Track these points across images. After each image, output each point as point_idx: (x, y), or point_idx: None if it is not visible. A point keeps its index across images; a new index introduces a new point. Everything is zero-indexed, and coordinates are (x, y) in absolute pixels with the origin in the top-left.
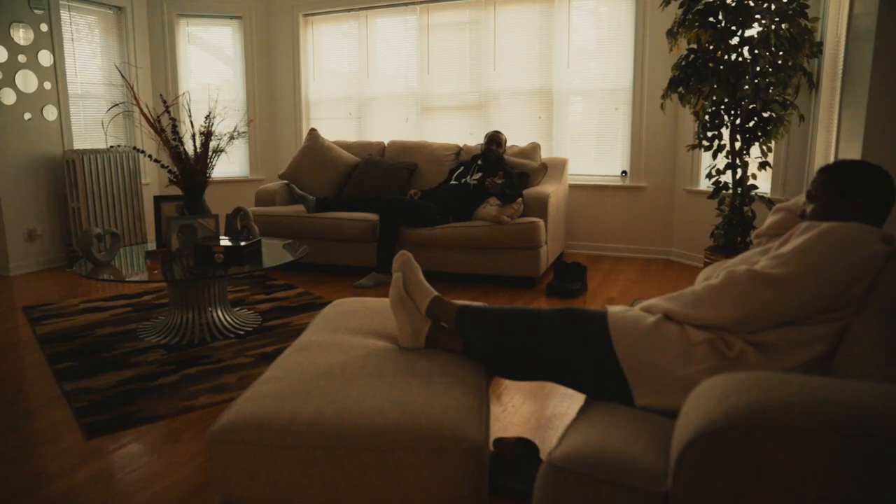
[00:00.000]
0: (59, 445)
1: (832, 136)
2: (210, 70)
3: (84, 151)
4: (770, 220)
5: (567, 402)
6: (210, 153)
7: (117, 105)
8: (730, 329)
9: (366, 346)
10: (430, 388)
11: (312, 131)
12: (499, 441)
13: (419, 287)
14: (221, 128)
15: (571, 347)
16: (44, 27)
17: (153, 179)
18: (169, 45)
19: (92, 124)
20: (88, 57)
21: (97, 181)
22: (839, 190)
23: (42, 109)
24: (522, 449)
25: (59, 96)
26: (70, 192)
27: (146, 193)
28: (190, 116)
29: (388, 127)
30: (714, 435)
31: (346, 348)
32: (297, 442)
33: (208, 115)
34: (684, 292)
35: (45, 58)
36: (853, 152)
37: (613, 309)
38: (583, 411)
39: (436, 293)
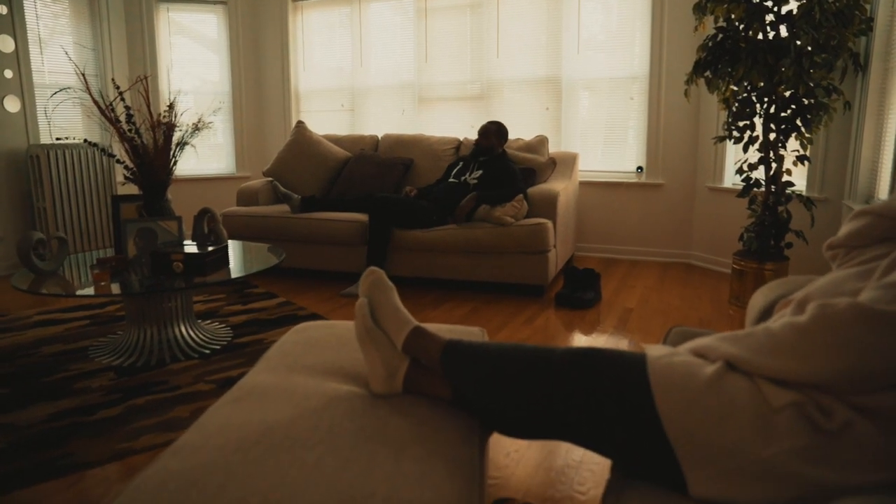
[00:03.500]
0: None
1: (885, 125)
2: (193, 59)
3: (50, 146)
4: (849, 226)
5: (582, 450)
6: (173, 147)
7: (63, 90)
8: (826, 387)
9: (324, 392)
10: (399, 467)
11: (299, 124)
12: None
13: (394, 315)
14: (190, 119)
15: (596, 405)
16: (3, 9)
17: None
18: (147, 32)
19: (62, 116)
20: (58, 44)
21: (65, 179)
22: None
23: (3, 100)
24: None
25: (23, 86)
26: (35, 191)
27: (120, 192)
28: (148, 106)
29: (382, 119)
30: None
31: (296, 397)
32: None
33: (171, 105)
34: (755, 331)
35: (5, 43)
36: None
37: (654, 352)
38: (613, 497)
39: (416, 323)
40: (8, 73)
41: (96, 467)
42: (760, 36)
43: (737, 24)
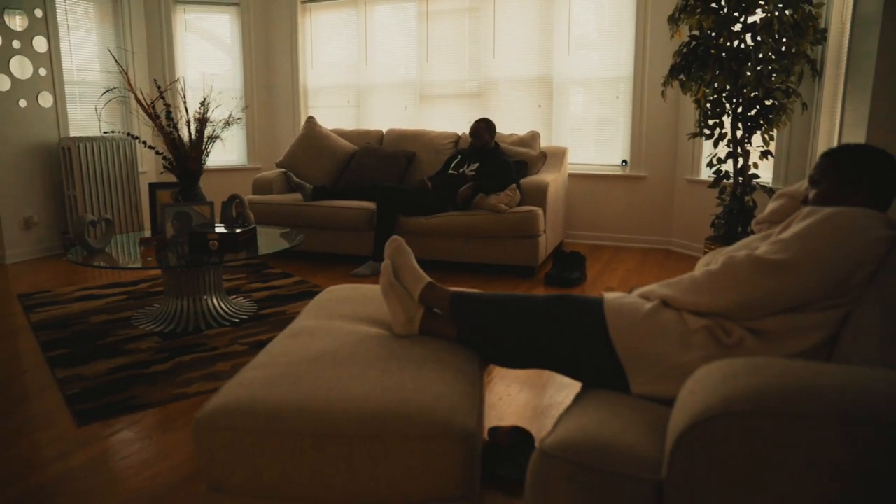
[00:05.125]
0: (51, 432)
1: (836, 124)
2: (208, 58)
3: (80, 139)
4: (771, 205)
5: (564, 392)
6: (205, 140)
7: (111, 90)
8: (729, 316)
9: (358, 332)
10: (421, 374)
11: (310, 119)
12: (494, 430)
13: (412, 273)
14: (217, 115)
15: (566, 335)
16: (38, 13)
17: (149, 167)
18: (166, 32)
19: (88, 111)
20: (84, 43)
21: (93, 169)
22: (842, 174)
23: (37, 96)
24: (517, 438)
25: (55, 83)
26: (66, 180)
27: (142, 181)
28: (185, 102)
29: (386, 115)
30: (711, 422)
31: (337, 334)
32: (285, 428)
33: (203, 102)
34: (682, 278)
35: (40, 44)
36: (857, 140)
37: (610, 295)
38: (577, 399)
39: (429, 279)
40: (42, 72)
41: (158, 407)
42: (729, 44)
43: (709, 32)
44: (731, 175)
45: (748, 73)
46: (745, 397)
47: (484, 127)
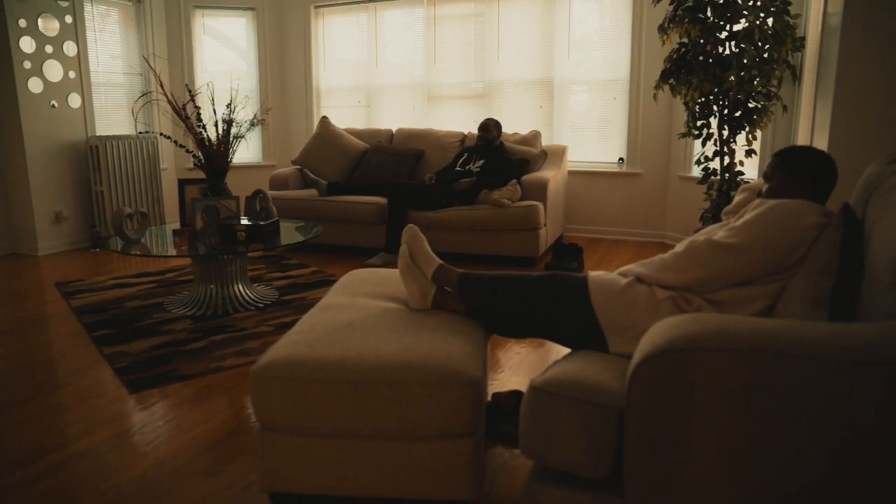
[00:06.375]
0: (106, 398)
1: (811, 124)
2: (224, 60)
3: (106, 138)
4: (736, 198)
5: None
6: (231, 139)
7: (146, 94)
8: (690, 289)
9: (380, 307)
10: (436, 337)
11: (324, 119)
12: (496, 395)
13: (425, 256)
14: (239, 116)
15: (557, 306)
16: (68, 19)
17: (170, 164)
18: (185, 36)
19: (112, 112)
20: (109, 47)
21: (119, 166)
22: (788, 171)
23: (67, 97)
24: (516, 400)
25: (83, 85)
26: (93, 177)
27: (164, 178)
28: (213, 104)
29: (395, 115)
30: (657, 357)
31: (362, 308)
32: (325, 377)
33: (230, 104)
34: (654, 259)
35: (69, 48)
36: (822, 140)
37: (594, 273)
38: (565, 356)
39: (440, 261)
40: (72, 74)
41: (199, 377)
42: (716, 51)
43: (697, 39)
44: (719, 172)
45: (731, 78)
46: (683, 338)
47: (493, 124)
